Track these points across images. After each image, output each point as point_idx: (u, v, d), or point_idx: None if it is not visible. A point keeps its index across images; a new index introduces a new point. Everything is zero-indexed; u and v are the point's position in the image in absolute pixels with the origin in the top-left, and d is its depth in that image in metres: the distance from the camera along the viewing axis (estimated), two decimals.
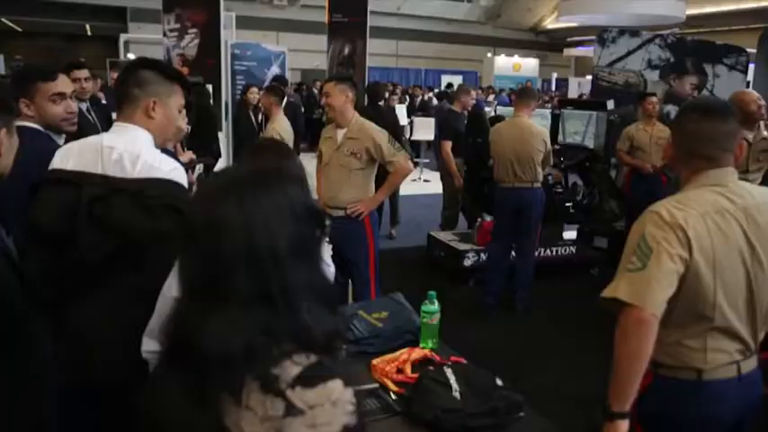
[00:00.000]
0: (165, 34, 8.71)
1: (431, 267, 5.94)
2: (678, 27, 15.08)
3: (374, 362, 2.09)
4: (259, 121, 6.48)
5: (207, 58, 8.63)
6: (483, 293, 5.05)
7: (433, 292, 2.27)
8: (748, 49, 6.82)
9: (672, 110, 6.32)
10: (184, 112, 2.22)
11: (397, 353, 2.14)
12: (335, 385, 0.90)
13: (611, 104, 6.07)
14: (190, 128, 3.30)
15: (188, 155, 4.08)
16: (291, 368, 0.90)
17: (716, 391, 1.71)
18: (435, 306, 2.25)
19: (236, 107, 8.27)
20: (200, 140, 5.27)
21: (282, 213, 0.97)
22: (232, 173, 1.09)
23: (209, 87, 7.78)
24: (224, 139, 8.31)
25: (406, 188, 9.47)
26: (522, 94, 4.97)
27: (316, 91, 13.29)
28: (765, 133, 3.93)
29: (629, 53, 6.88)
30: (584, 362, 3.77)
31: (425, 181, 10.53)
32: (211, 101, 7.65)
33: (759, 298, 1.71)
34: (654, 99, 5.87)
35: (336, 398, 0.89)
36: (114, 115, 1.99)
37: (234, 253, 0.93)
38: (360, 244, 3.82)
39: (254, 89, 6.67)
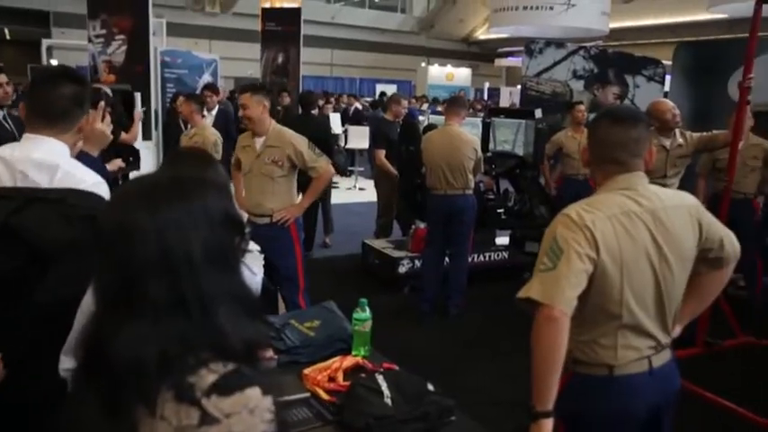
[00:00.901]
0: (90, 40, 8.44)
1: (366, 275, 5.95)
2: (602, 39, 15.66)
3: (305, 371, 2.07)
4: (188, 129, 6.34)
5: (135, 65, 8.41)
6: (418, 300, 5.09)
7: (364, 300, 2.26)
8: (665, 62, 7.16)
9: None
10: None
11: (329, 361, 2.13)
12: (253, 393, 0.89)
13: (538, 113, 6.23)
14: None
15: (116, 163, 3.97)
16: (207, 376, 0.88)
17: (626, 386, 1.77)
18: (367, 313, 2.25)
19: (165, 115, 8.08)
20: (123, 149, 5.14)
21: (199, 220, 0.95)
22: (149, 179, 1.06)
23: (138, 95, 7.58)
24: (153, 147, 8.12)
25: (341, 196, 9.53)
26: (452, 103, 5.06)
27: None
28: (681, 140, 4.11)
29: (556, 64, 7.10)
30: (517, 365, 3.83)
31: (360, 189, 10.56)
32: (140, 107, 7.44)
33: (668, 296, 1.78)
34: (582, 107, 6.10)
35: (254, 406, 0.88)
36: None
37: (147, 259, 0.91)
38: (287, 251, 3.83)
39: (183, 98, 6.54)
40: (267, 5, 13.33)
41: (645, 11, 20.76)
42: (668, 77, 6.96)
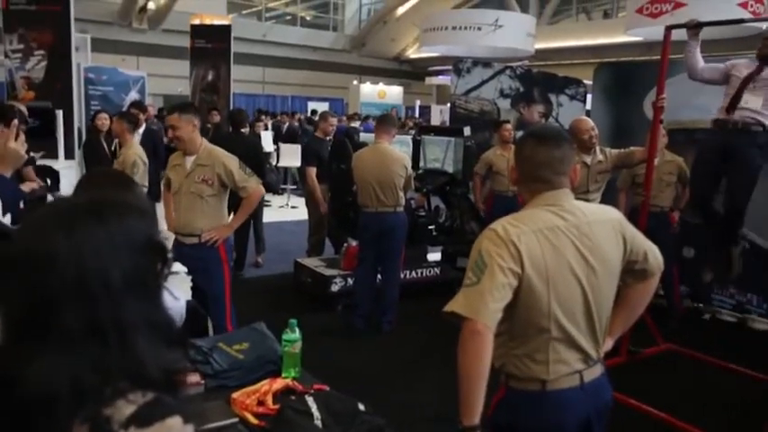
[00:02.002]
0: (6, 55, 8.10)
1: (298, 294, 5.89)
2: (528, 60, 16.18)
3: (234, 395, 2.03)
4: (112, 148, 6.16)
5: (56, 82, 8.13)
6: (351, 318, 5.07)
7: (293, 320, 2.24)
8: (586, 81, 7.45)
9: None
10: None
11: (258, 384, 2.09)
12: (174, 422, 0.86)
13: (467, 131, 6.37)
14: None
15: (30, 183, 3.83)
16: (125, 408, 0.85)
17: (558, 401, 1.80)
18: (296, 334, 2.23)
19: (87, 133, 7.83)
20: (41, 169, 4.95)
21: (118, 244, 0.92)
22: (65, 202, 1.03)
23: (60, 113, 7.30)
24: (76, 167, 7.83)
25: (273, 215, 9.43)
26: (382, 122, 5.10)
27: None
28: (601, 157, 4.28)
29: (483, 83, 7.28)
30: (452, 380, 3.87)
31: (293, 207, 10.48)
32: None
33: (597, 309, 1.82)
34: (509, 126, 6.26)
35: None
36: None
37: (62, 285, 0.87)
38: (214, 272, 3.76)
39: (104, 115, 6.36)
40: (197, 22, 13.18)
41: (568, 33, 21.67)
42: (590, 96, 7.24)
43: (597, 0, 23.51)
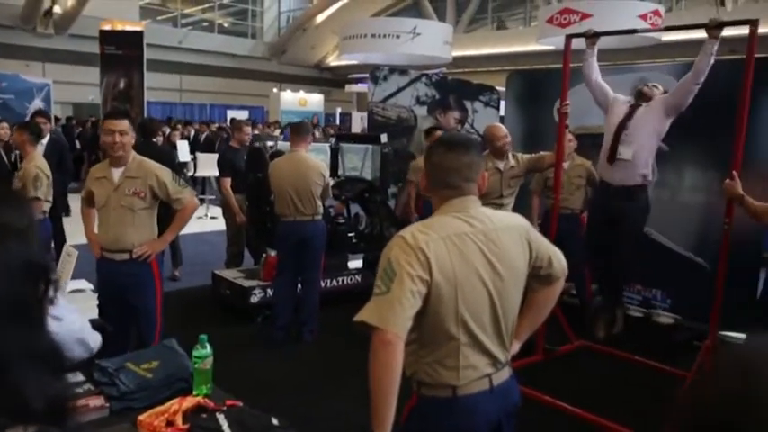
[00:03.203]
0: None
1: (217, 307, 5.75)
2: (446, 67, 16.48)
3: (141, 417, 1.95)
4: (12, 159, 5.84)
5: None
6: (270, 330, 4.99)
7: (204, 336, 2.18)
8: (499, 88, 7.65)
9: None
10: None
11: (168, 404, 2.02)
12: None
13: (384, 138, 6.41)
14: None
15: None
16: None
17: (468, 405, 1.83)
18: (207, 350, 2.17)
19: None
20: None
21: None
22: None
23: None
24: None
25: (192, 226, 9.10)
26: (297, 129, 5.05)
27: None
28: (513, 162, 4.41)
29: (400, 90, 7.34)
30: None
31: (212, 218, 10.24)
32: None
33: (504, 313, 1.85)
34: (440, 133, 6.33)
35: None
36: None
37: None
38: (147, 288, 3.62)
39: (5, 124, 6.03)
40: (107, 28, 12.72)
41: (484, 41, 22.26)
42: (503, 103, 7.44)
43: (512, 9, 24.31)
